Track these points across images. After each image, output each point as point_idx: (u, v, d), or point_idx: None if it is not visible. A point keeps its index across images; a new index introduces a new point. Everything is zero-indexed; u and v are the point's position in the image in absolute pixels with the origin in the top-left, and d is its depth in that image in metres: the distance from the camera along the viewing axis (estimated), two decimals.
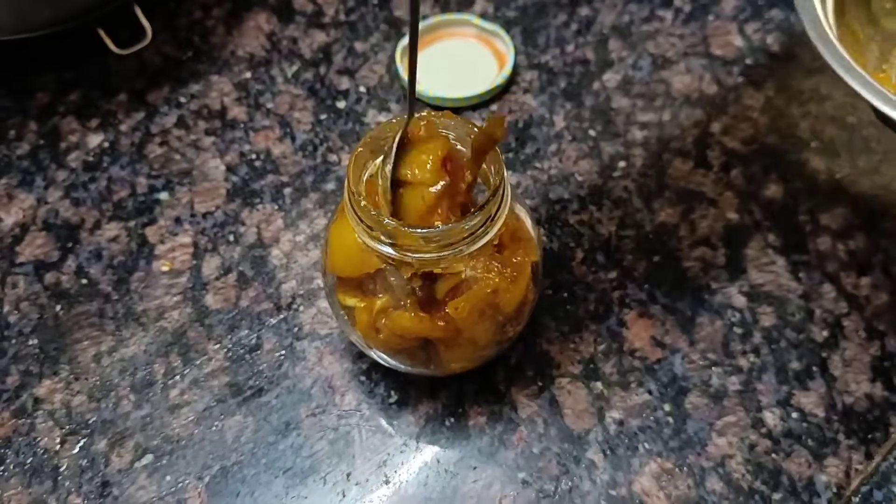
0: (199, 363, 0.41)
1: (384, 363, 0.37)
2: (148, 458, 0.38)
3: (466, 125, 0.33)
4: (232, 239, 0.45)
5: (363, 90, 0.51)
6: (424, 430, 0.39)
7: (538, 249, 0.36)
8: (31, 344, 0.42)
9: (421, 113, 0.33)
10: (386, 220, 0.30)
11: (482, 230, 0.31)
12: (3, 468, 0.38)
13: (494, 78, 0.50)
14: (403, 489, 0.37)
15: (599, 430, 0.38)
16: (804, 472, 0.37)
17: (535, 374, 0.40)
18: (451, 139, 0.32)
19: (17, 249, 0.45)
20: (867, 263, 0.43)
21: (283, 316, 0.42)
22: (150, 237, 0.45)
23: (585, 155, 0.48)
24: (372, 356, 0.37)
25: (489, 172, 0.32)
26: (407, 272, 0.32)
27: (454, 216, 0.31)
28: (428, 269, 0.32)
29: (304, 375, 0.40)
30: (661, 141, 0.49)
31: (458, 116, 0.33)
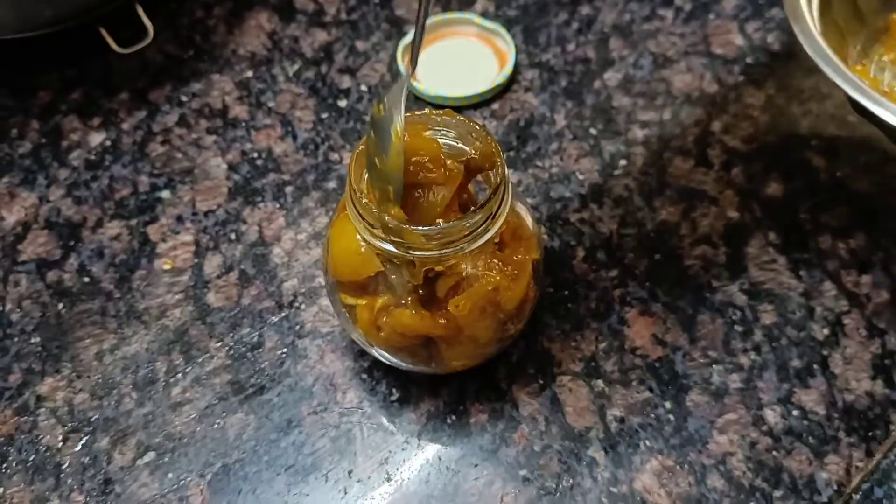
0: (200, 361, 0.41)
1: (385, 361, 0.37)
2: (150, 455, 0.38)
3: (468, 124, 0.33)
4: (233, 237, 0.45)
5: (364, 89, 0.52)
6: (426, 427, 0.39)
7: (539, 247, 0.36)
8: (33, 342, 0.42)
9: (422, 112, 0.33)
10: (387, 217, 0.30)
11: (483, 228, 0.31)
12: (5, 466, 0.38)
13: (495, 77, 0.50)
14: (405, 487, 0.37)
15: (600, 427, 0.38)
16: (805, 469, 0.37)
17: (536, 371, 0.40)
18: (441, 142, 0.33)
19: (19, 248, 0.45)
20: (868, 261, 0.43)
21: (284, 314, 0.42)
22: (151, 235, 0.45)
23: (586, 153, 0.48)
24: (373, 354, 0.37)
25: (490, 171, 0.32)
26: (409, 270, 0.32)
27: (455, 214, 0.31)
28: (429, 266, 0.32)
29: (305, 373, 0.40)
30: (661, 139, 0.49)
31: (459, 115, 0.33)
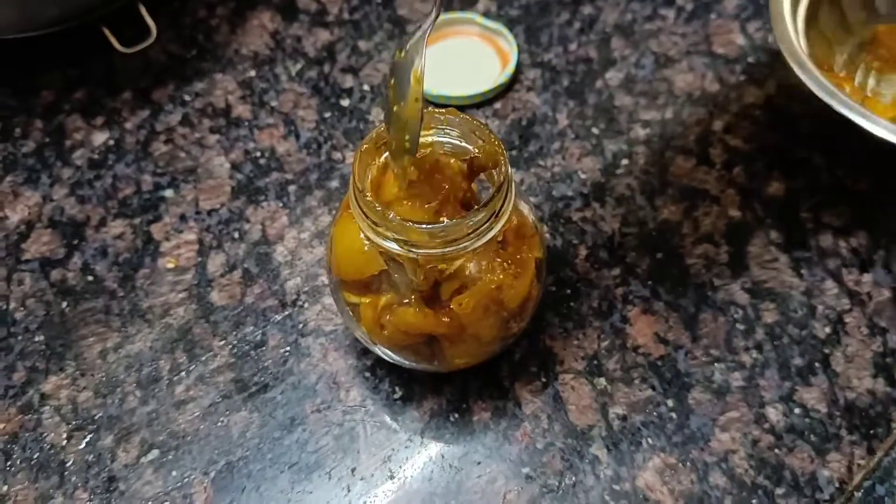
0: (204, 359, 0.41)
1: (388, 359, 0.38)
2: (154, 453, 0.38)
3: (471, 122, 0.33)
4: (237, 236, 0.45)
5: (367, 88, 0.52)
6: (429, 425, 0.39)
7: (542, 246, 0.36)
8: (37, 340, 0.42)
9: (425, 110, 0.33)
10: (391, 215, 0.30)
11: (487, 226, 0.31)
12: (9, 463, 0.38)
13: (497, 76, 0.51)
14: (408, 484, 0.37)
15: (603, 425, 0.39)
16: (807, 467, 0.37)
17: (538, 370, 0.40)
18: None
19: (22, 246, 0.45)
20: (869, 260, 0.44)
21: (287, 312, 0.42)
22: (155, 234, 0.45)
23: (588, 153, 0.48)
24: (376, 352, 0.38)
25: (493, 170, 0.32)
26: (412, 269, 0.32)
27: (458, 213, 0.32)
28: (432, 264, 0.32)
29: (308, 371, 0.40)
30: (663, 139, 0.49)
31: (462, 113, 0.33)
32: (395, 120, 0.31)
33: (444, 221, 0.31)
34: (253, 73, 0.53)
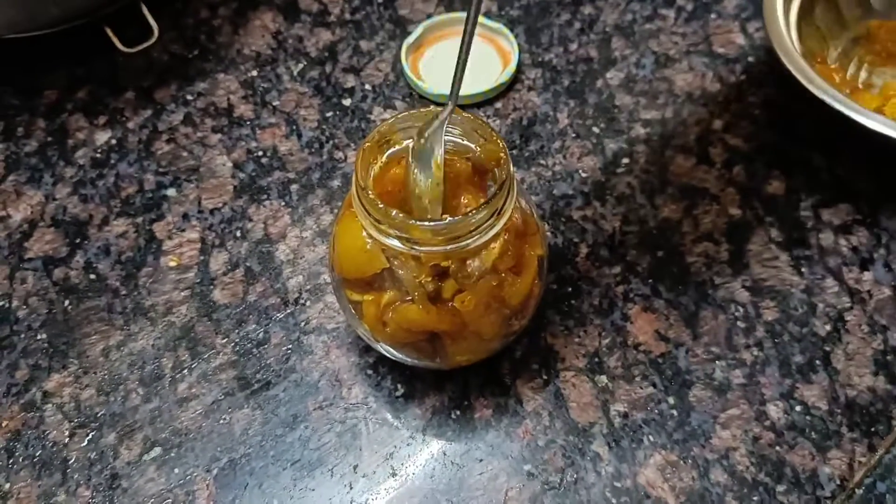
0: (207, 357, 0.41)
1: (391, 356, 0.38)
2: (156, 450, 0.38)
3: (473, 121, 0.33)
4: (239, 235, 0.45)
5: (368, 88, 0.52)
6: (431, 422, 0.39)
7: (544, 244, 0.36)
8: (40, 338, 0.42)
9: (427, 109, 0.33)
10: (394, 212, 0.30)
11: (489, 224, 0.31)
12: (12, 461, 0.38)
13: (499, 76, 0.51)
14: (410, 481, 0.37)
15: (604, 422, 0.39)
16: (808, 464, 0.37)
17: (540, 367, 0.40)
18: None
19: (25, 245, 0.45)
20: (869, 258, 0.44)
21: (290, 310, 0.43)
22: (157, 233, 0.46)
23: (589, 152, 0.48)
24: (379, 350, 0.38)
25: (496, 168, 0.33)
26: (415, 266, 0.32)
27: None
28: (435, 262, 0.32)
29: (311, 369, 0.41)
30: (663, 138, 0.49)
31: (464, 112, 0.33)
32: (417, 202, 0.33)
33: (447, 219, 0.31)
34: (255, 72, 0.53)
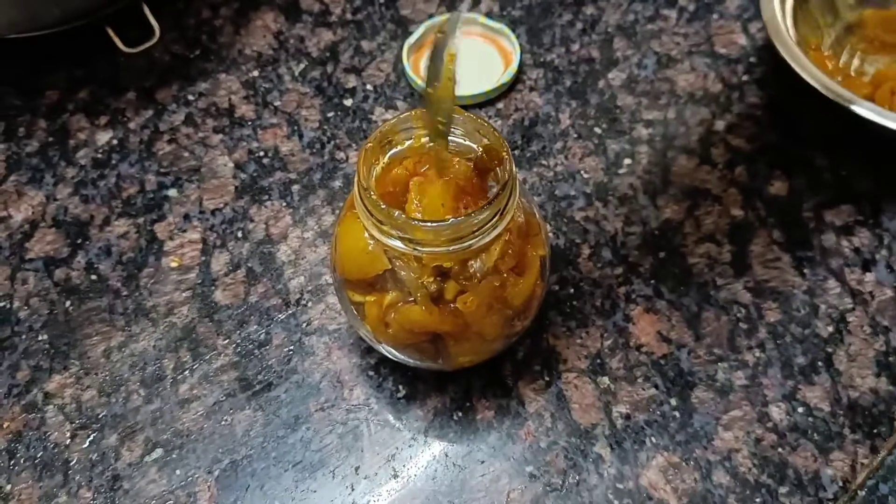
0: (208, 358, 0.41)
1: (393, 357, 0.38)
2: (158, 452, 0.38)
3: (475, 121, 0.33)
4: (240, 235, 0.45)
5: (370, 88, 0.52)
6: (433, 424, 0.39)
7: (546, 244, 0.36)
8: (41, 339, 0.42)
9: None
10: (396, 213, 0.30)
11: (491, 224, 0.31)
12: (13, 462, 0.38)
13: (500, 76, 0.51)
14: (412, 483, 0.37)
15: (606, 424, 0.39)
16: (810, 465, 0.37)
17: (542, 368, 0.40)
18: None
19: (27, 246, 0.45)
20: (871, 259, 0.44)
21: (291, 311, 0.42)
22: (159, 234, 0.46)
23: (591, 152, 0.48)
24: (381, 351, 0.38)
25: (498, 168, 0.33)
26: (419, 270, 0.32)
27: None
28: (438, 263, 0.32)
29: (312, 370, 0.40)
30: (666, 138, 0.49)
31: (465, 112, 0.33)
32: (430, 103, 0.31)
33: (448, 219, 0.31)
34: (256, 73, 0.53)
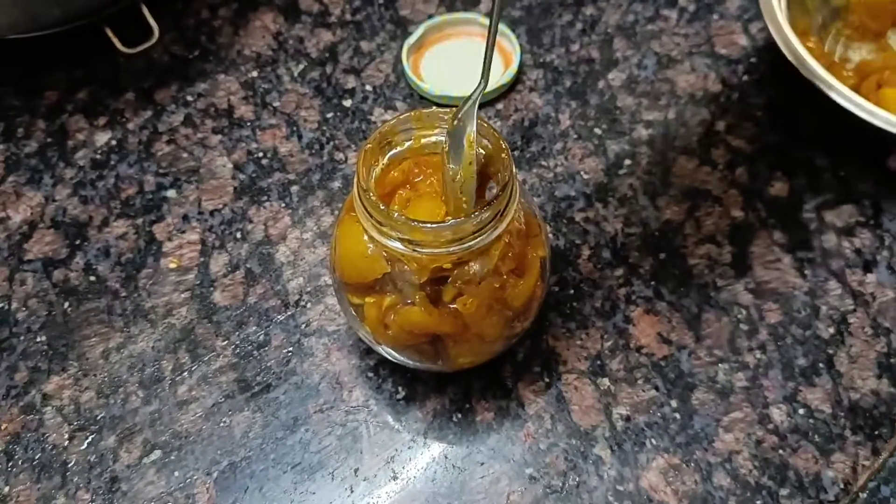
0: (207, 359, 0.41)
1: (392, 359, 0.37)
2: (156, 453, 0.38)
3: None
4: (239, 236, 0.45)
5: (369, 89, 0.52)
6: (432, 425, 0.39)
7: (546, 245, 0.36)
8: (39, 340, 0.42)
9: (429, 110, 0.33)
10: (396, 214, 0.30)
11: (491, 225, 0.31)
12: (11, 464, 0.38)
13: (500, 77, 0.51)
14: (411, 484, 0.37)
15: (606, 425, 0.38)
16: (811, 467, 0.37)
17: (542, 370, 0.40)
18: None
19: (25, 247, 0.45)
20: (872, 260, 0.44)
21: (290, 312, 0.42)
22: (157, 234, 0.45)
23: (591, 153, 0.48)
24: (380, 352, 0.38)
25: (498, 168, 0.32)
26: (418, 271, 0.32)
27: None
28: (437, 264, 0.32)
29: (311, 371, 0.40)
30: (666, 139, 0.49)
31: None
32: (450, 182, 0.32)
33: (449, 220, 0.31)
34: (255, 73, 0.53)
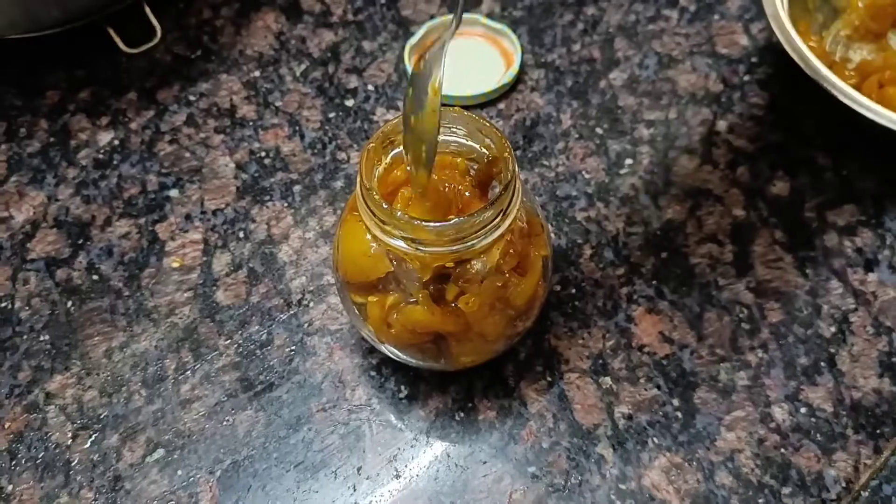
0: (210, 358, 0.41)
1: (395, 358, 0.38)
2: (159, 452, 0.38)
3: (477, 121, 0.33)
4: (242, 236, 0.45)
5: (371, 88, 0.52)
6: (434, 424, 0.39)
7: (548, 244, 0.36)
8: (42, 339, 0.42)
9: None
10: (399, 213, 0.30)
11: (494, 224, 0.31)
12: (15, 463, 0.38)
13: (501, 77, 0.51)
14: (414, 483, 0.37)
15: (609, 424, 0.39)
16: (813, 466, 0.37)
17: (544, 369, 0.40)
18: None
19: (28, 246, 0.45)
20: (874, 259, 0.44)
21: (293, 312, 0.42)
22: (160, 234, 0.46)
23: (592, 153, 0.48)
24: (383, 351, 0.38)
25: (501, 168, 0.33)
26: (421, 270, 0.32)
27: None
28: (440, 263, 0.32)
29: (314, 370, 0.40)
30: (667, 139, 0.49)
31: (466, 112, 0.33)
32: (412, 132, 0.31)
33: (452, 219, 0.31)
34: (257, 73, 0.53)
